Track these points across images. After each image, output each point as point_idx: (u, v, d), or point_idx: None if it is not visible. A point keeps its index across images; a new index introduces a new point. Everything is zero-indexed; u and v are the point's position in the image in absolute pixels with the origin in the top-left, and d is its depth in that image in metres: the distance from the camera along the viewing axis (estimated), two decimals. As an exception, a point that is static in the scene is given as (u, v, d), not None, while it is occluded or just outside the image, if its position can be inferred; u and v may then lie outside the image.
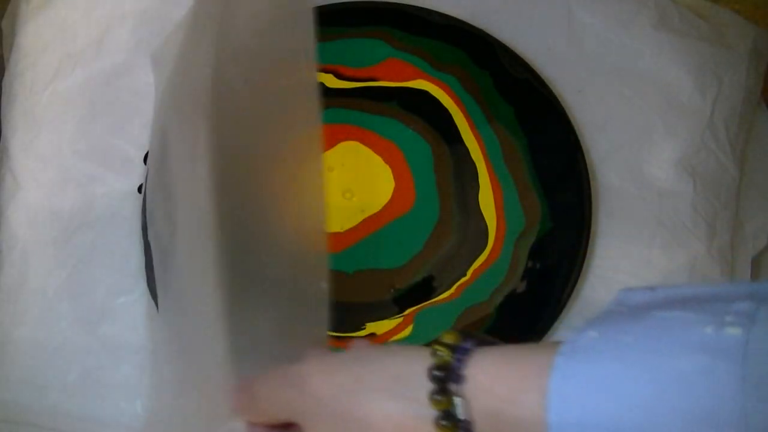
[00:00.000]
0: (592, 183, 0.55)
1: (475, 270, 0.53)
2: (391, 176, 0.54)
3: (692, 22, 0.59)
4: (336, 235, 0.53)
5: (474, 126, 0.56)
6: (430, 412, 0.30)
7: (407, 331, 0.51)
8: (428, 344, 0.32)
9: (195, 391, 0.42)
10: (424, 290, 0.52)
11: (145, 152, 0.55)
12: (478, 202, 0.54)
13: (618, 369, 0.27)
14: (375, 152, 0.55)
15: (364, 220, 0.53)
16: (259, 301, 0.41)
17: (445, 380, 0.30)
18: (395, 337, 0.51)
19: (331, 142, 0.55)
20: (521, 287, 0.54)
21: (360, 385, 0.32)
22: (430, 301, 0.52)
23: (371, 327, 0.51)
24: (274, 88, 0.44)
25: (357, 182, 0.54)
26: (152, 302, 0.53)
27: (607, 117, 0.58)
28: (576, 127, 0.56)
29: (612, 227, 0.56)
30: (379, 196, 0.54)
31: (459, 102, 0.56)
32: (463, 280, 0.52)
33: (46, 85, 0.56)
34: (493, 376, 0.30)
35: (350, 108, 0.55)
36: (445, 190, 0.54)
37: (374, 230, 0.53)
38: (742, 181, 0.59)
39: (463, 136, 0.55)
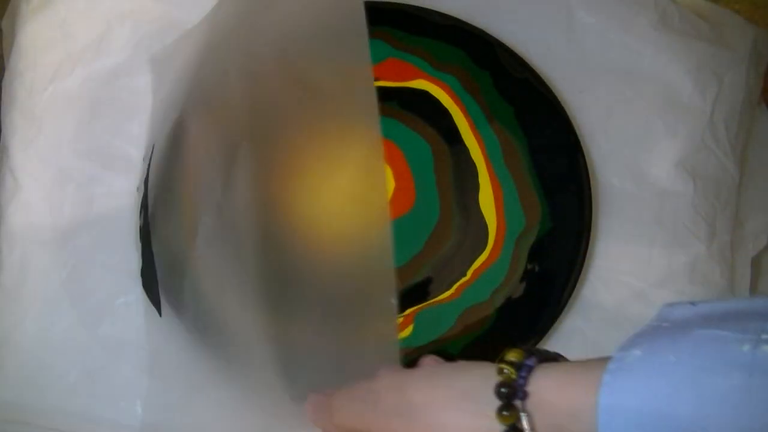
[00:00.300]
0: (592, 183, 0.55)
1: (475, 270, 0.53)
2: (391, 176, 0.54)
3: (692, 22, 0.59)
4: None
5: (474, 126, 0.56)
6: (498, 427, 0.32)
7: (407, 331, 0.51)
8: (495, 361, 0.34)
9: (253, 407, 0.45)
10: (424, 290, 0.52)
11: (145, 152, 0.55)
12: (478, 202, 0.54)
13: (660, 387, 0.29)
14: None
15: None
16: (327, 319, 0.43)
17: (511, 397, 0.32)
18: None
19: None
20: (521, 288, 0.54)
21: (431, 400, 0.34)
22: (430, 302, 0.52)
23: None
24: (331, 107, 0.45)
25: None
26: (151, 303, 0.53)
27: (607, 117, 0.58)
28: (576, 127, 0.56)
29: (612, 227, 0.56)
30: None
31: (459, 102, 0.56)
32: (463, 280, 0.52)
33: (46, 85, 0.56)
34: (553, 393, 0.32)
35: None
36: (445, 190, 0.54)
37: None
38: (742, 181, 0.59)
39: (463, 136, 0.55)
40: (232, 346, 0.45)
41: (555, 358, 0.35)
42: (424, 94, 0.56)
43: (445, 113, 0.56)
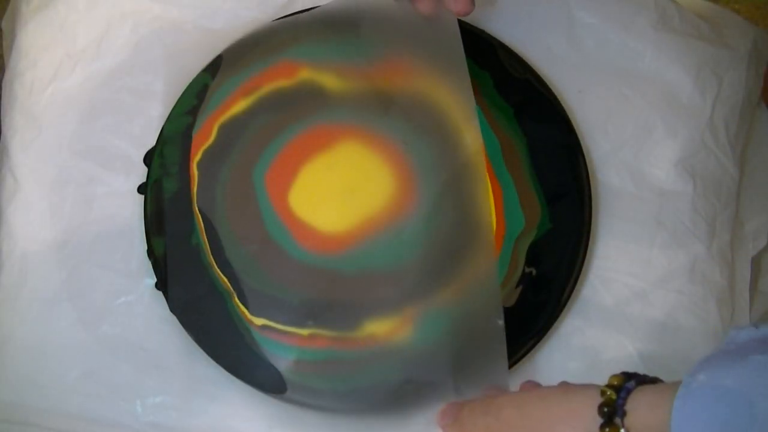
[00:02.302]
0: (592, 183, 0.55)
1: (474, 271, 0.53)
2: (392, 175, 0.54)
3: (692, 22, 0.59)
4: (336, 236, 0.53)
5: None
6: None
7: (407, 332, 0.51)
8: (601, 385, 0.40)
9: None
10: (423, 291, 0.52)
11: (145, 152, 0.55)
12: (479, 205, 0.54)
13: (720, 411, 0.33)
14: (375, 152, 0.55)
15: (365, 220, 0.53)
16: (440, 338, 0.50)
17: (612, 415, 0.38)
18: (394, 338, 0.51)
19: (330, 142, 0.55)
20: (521, 287, 0.54)
21: (545, 416, 0.40)
22: (430, 302, 0.52)
23: (371, 327, 0.51)
24: (437, 116, 0.53)
25: (357, 182, 0.54)
26: (152, 302, 0.53)
27: (607, 117, 0.58)
28: (576, 127, 0.56)
29: (612, 227, 0.56)
30: (379, 196, 0.54)
31: (461, 102, 0.56)
32: (463, 280, 0.52)
33: (46, 85, 0.56)
34: (645, 412, 0.37)
35: (350, 107, 0.55)
36: (447, 190, 0.54)
37: (374, 230, 0.53)
38: (742, 181, 0.59)
39: (466, 139, 0.55)
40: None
41: (653, 381, 0.39)
42: (424, 94, 0.56)
43: (444, 113, 0.55)
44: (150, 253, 0.53)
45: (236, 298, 0.51)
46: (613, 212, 0.56)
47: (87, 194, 0.55)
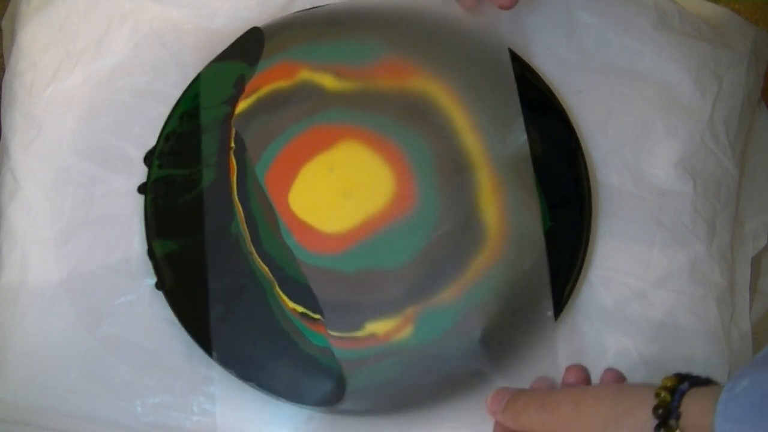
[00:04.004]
0: (592, 183, 0.55)
1: (475, 270, 0.53)
2: (391, 176, 0.54)
3: (692, 22, 0.59)
4: (336, 236, 0.53)
5: (473, 125, 0.56)
6: None
7: (407, 331, 0.51)
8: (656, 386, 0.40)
9: None
10: (424, 290, 0.52)
11: (146, 152, 0.55)
12: (479, 202, 0.54)
13: (759, 416, 0.34)
14: (375, 152, 0.55)
15: (365, 220, 0.53)
16: (493, 333, 0.51)
17: (666, 417, 0.38)
18: (395, 337, 0.51)
19: (330, 142, 0.55)
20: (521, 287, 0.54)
21: (600, 415, 0.41)
22: (431, 301, 0.52)
23: (371, 327, 0.51)
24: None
25: (357, 182, 0.54)
26: (152, 302, 0.53)
27: (607, 117, 0.58)
28: (576, 127, 0.56)
29: (612, 227, 0.56)
30: (380, 195, 0.54)
31: (458, 101, 0.56)
32: (463, 279, 0.52)
33: (46, 85, 0.56)
34: (697, 414, 0.37)
35: (349, 108, 0.55)
36: (446, 189, 0.54)
37: (375, 230, 0.53)
38: (742, 181, 0.59)
39: (463, 135, 0.55)
40: None
41: (706, 382, 0.40)
42: (423, 93, 0.56)
43: (444, 112, 0.56)
44: (150, 253, 0.53)
45: (277, 287, 0.52)
46: (613, 212, 0.56)
47: (87, 194, 0.55)
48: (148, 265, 0.53)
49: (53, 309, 0.53)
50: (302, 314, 0.51)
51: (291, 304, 0.52)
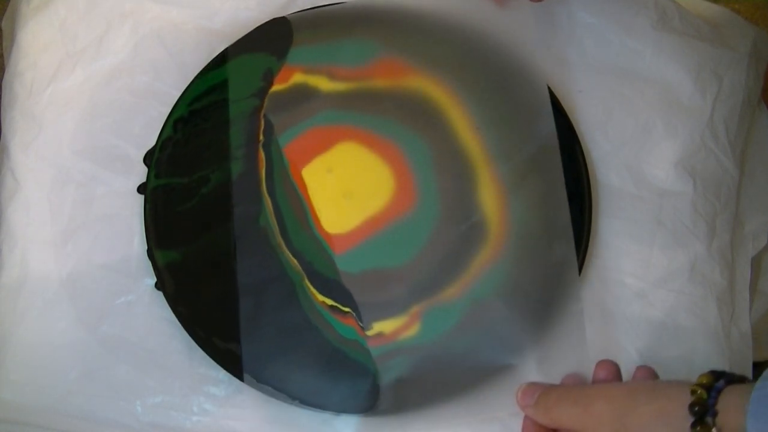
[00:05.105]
0: (592, 183, 0.55)
1: (478, 265, 0.53)
2: (391, 175, 0.54)
3: (692, 22, 0.59)
4: (339, 237, 0.53)
5: (472, 123, 0.56)
6: None
7: (414, 329, 0.51)
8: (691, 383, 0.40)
9: None
10: (429, 288, 0.52)
11: (145, 152, 0.55)
12: (478, 197, 0.54)
13: None
14: (373, 152, 0.55)
15: (366, 220, 0.53)
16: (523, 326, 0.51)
17: (703, 415, 0.38)
18: (402, 336, 0.51)
19: (328, 144, 0.55)
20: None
21: (634, 411, 0.40)
22: (436, 298, 0.52)
23: (378, 326, 0.51)
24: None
25: (357, 183, 0.54)
26: (152, 302, 0.53)
27: (607, 117, 0.58)
28: (576, 127, 0.56)
29: (612, 227, 0.56)
30: (380, 195, 0.54)
31: (455, 98, 0.56)
32: (467, 275, 0.52)
33: (46, 85, 0.56)
34: (732, 412, 0.37)
35: (346, 109, 0.55)
36: (445, 186, 0.54)
37: (377, 230, 0.53)
38: (742, 181, 0.59)
39: (461, 133, 0.55)
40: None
41: (741, 380, 0.40)
42: (419, 91, 0.56)
43: (441, 110, 0.56)
44: (150, 253, 0.53)
45: (307, 280, 0.52)
46: (613, 212, 0.56)
47: (87, 194, 0.55)
48: (148, 265, 0.53)
49: (53, 309, 0.53)
50: (332, 307, 0.51)
51: (320, 297, 0.52)
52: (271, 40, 0.57)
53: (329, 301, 0.52)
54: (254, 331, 0.51)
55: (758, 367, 0.49)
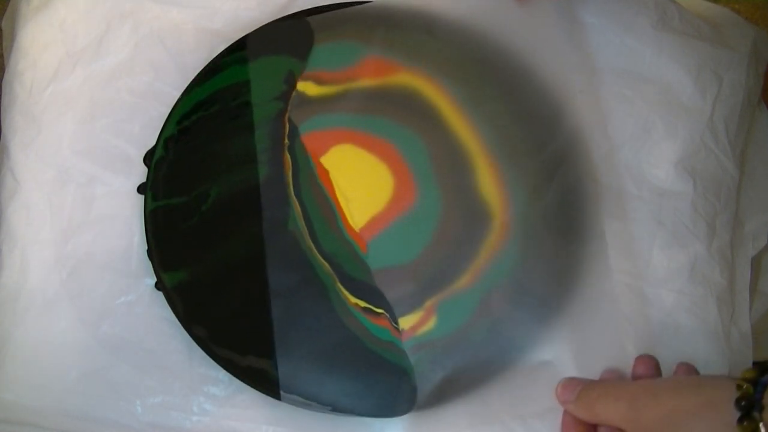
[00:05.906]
0: (592, 183, 0.55)
1: (487, 252, 0.53)
2: (389, 173, 0.54)
3: (692, 22, 0.59)
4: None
5: (463, 111, 0.56)
6: None
7: (431, 323, 0.51)
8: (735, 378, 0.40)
9: None
10: (440, 280, 0.52)
11: (145, 152, 0.55)
12: (478, 186, 0.54)
13: None
14: (369, 152, 0.55)
15: (370, 220, 0.54)
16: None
17: (750, 409, 0.38)
18: (420, 330, 0.51)
19: (323, 148, 0.55)
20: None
21: (679, 406, 0.40)
22: (449, 290, 0.52)
23: (402, 322, 0.51)
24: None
25: (356, 184, 0.54)
26: (152, 302, 0.53)
27: (607, 117, 0.58)
28: (576, 127, 0.56)
29: (612, 227, 0.56)
30: (380, 194, 0.54)
31: (444, 91, 0.56)
32: (478, 264, 0.52)
33: (46, 85, 0.56)
34: None
35: (336, 111, 0.55)
36: (444, 178, 0.54)
37: (381, 228, 0.53)
38: (742, 181, 0.59)
39: (452, 123, 0.55)
40: None
41: None
42: (407, 87, 0.56)
43: (431, 103, 0.55)
44: (150, 253, 0.53)
45: (339, 283, 0.52)
46: (613, 212, 0.56)
47: (87, 194, 0.55)
48: (148, 265, 0.53)
49: (53, 309, 0.53)
50: (365, 309, 0.51)
51: (353, 299, 0.51)
52: (292, 42, 0.57)
53: (362, 303, 0.51)
54: (288, 340, 0.50)
55: (758, 367, 0.49)
